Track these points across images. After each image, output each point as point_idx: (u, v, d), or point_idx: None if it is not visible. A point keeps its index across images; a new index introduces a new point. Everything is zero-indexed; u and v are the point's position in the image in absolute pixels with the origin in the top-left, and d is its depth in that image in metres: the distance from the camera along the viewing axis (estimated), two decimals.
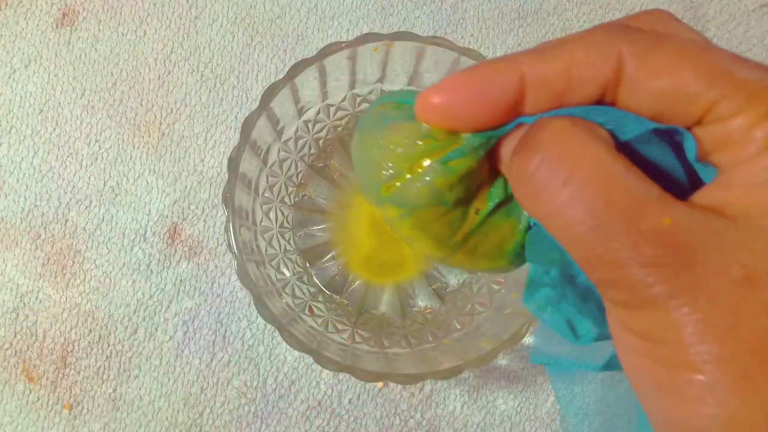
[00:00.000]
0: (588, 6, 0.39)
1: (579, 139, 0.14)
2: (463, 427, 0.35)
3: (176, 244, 0.36)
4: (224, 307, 0.35)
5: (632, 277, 0.13)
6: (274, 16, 0.37)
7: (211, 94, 0.37)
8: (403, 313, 0.35)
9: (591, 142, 0.14)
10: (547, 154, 0.14)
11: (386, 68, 0.32)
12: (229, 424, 0.35)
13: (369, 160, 0.18)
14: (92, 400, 0.35)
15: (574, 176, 0.14)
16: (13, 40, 0.36)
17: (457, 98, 0.16)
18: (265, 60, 0.37)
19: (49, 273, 0.35)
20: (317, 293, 0.34)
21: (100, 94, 0.36)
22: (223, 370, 0.35)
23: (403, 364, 0.31)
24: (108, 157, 0.36)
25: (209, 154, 0.36)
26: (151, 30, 0.37)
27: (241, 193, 0.30)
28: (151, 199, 0.36)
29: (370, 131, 0.18)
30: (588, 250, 0.14)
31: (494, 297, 0.34)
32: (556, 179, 0.14)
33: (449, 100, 0.16)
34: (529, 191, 0.15)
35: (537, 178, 0.15)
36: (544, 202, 0.14)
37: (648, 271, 0.13)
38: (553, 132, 0.15)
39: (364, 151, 0.18)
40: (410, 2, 0.38)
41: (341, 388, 0.35)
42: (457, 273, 0.35)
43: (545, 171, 0.14)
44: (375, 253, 0.36)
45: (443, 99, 0.16)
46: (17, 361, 0.35)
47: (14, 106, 0.36)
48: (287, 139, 0.33)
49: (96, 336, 0.35)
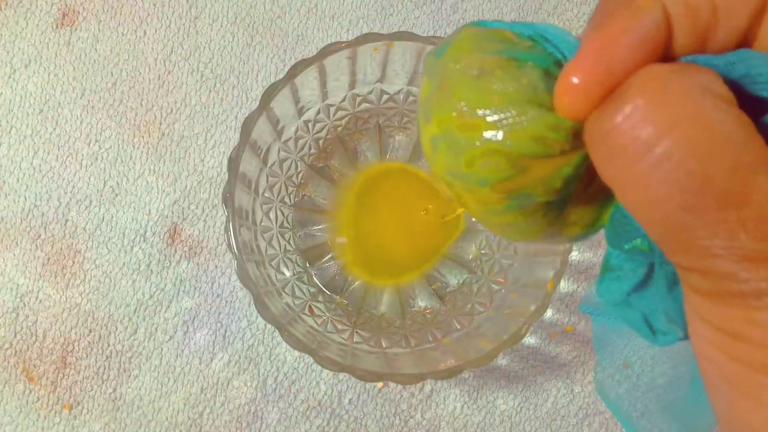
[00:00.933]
0: (588, 6, 0.39)
1: (680, 90, 0.11)
2: (463, 427, 0.35)
3: (176, 244, 0.36)
4: (224, 307, 0.35)
5: (723, 269, 0.11)
6: (274, 16, 0.37)
7: (211, 94, 0.37)
8: (403, 313, 0.35)
9: (696, 95, 0.11)
10: (633, 107, 0.12)
11: (386, 68, 0.32)
12: (229, 424, 0.35)
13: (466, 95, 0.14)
14: (92, 400, 0.35)
15: (665, 138, 0.11)
16: (13, 40, 0.36)
17: (601, 65, 0.12)
18: (265, 60, 0.37)
19: (49, 273, 0.35)
20: (317, 293, 0.34)
21: (100, 94, 0.36)
22: (223, 370, 0.35)
23: (403, 364, 0.31)
24: (108, 157, 0.36)
25: (209, 154, 0.36)
26: (151, 30, 0.37)
27: (241, 193, 0.30)
28: (151, 199, 0.36)
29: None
30: (671, 233, 0.12)
31: (494, 297, 0.34)
32: (641, 140, 0.11)
33: (596, 72, 0.12)
34: (606, 153, 0.12)
35: (616, 136, 0.12)
36: (623, 168, 0.12)
37: (744, 266, 0.11)
38: (646, 80, 0.12)
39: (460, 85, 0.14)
40: (410, 2, 0.38)
41: (341, 388, 0.35)
42: (457, 273, 0.35)
43: (628, 128, 0.12)
44: (375, 254, 0.36)
45: (587, 71, 0.12)
46: (17, 361, 0.35)
47: (14, 106, 0.36)
48: (287, 139, 0.33)
49: (96, 336, 0.35)
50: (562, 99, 0.13)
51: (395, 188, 0.36)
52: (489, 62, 0.14)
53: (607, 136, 0.12)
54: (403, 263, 0.36)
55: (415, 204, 0.36)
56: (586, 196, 0.16)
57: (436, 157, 0.15)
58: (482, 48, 0.15)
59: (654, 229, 0.12)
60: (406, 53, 0.30)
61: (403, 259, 0.36)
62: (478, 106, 0.14)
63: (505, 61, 0.14)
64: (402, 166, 0.36)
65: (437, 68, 0.15)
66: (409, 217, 0.36)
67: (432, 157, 0.15)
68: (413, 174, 0.36)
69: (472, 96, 0.14)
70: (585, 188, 0.15)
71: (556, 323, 0.36)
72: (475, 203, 0.15)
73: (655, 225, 0.12)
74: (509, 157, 0.14)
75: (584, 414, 0.36)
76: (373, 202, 0.36)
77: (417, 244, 0.36)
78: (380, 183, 0.36)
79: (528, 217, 0.15)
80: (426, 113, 0.15)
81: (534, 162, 0.14)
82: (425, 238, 0.36)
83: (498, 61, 0.14)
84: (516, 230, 0.16)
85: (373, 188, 0.36)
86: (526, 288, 0.31)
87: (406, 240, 0.36)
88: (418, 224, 0.36)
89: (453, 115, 0.14)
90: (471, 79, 0.14)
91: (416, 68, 0.32)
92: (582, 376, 0.36)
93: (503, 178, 0.14)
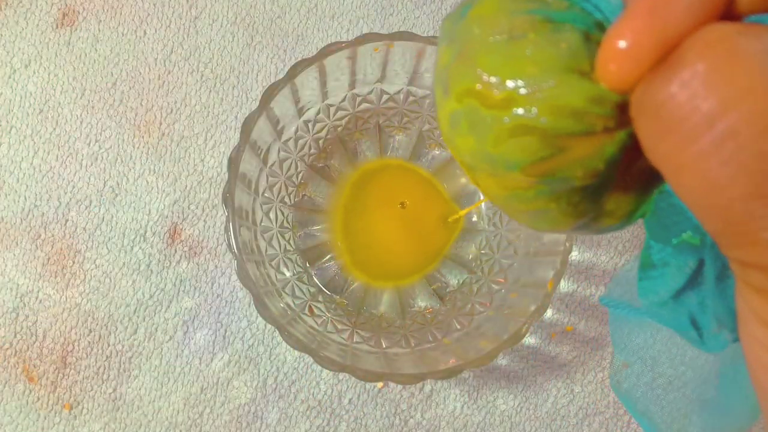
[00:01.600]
0: None
1: (750, 55, 0.09)
2: (463, 427, 0.35)
3: (176, 244, 0.36)
4: (224, 307, 0.35)
5: None
6: (274, 16, 0.37)
7: (211, 94, 0.37)
8: (403, 313, 0.35)
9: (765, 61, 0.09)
10: (693, 73, 0.10)
11: (386, 68, 0.32)
12: (229, 424, 0.35)
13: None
14: (92, 400, 0.35)
15: (732, 111, 0.09)
16: (13, 40, 0.36)
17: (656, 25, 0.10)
18: (265, 60, 0.37)
19: (49, 273, 0.35)
20: (317, 293, 0.34)
21: (100, 94, 0.36)
22: (223, 370, 0.35)
23: (403, 364, 0.31)
24: (108, 157, 0.36)
25: (209, 154, 0.36)
26: (151, 30, 0.37)
27: (241, 193, 0.30)
28: (151, 199, 0.36)
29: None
30: (733, 225, 0.10)
31: (494, 297, 0.34)
32: (702, 112, 0.10)
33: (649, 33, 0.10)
34: (657, 128, 0.10)
35: (671, 108, 0.10)
36: (678, 147, 0.10)
37: None
38: (708, 41, 0.10)
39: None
40: (410, 2, 0.38)
41: (341, 388, 0.35)
42: (457, 273, 0.35)
43: (686, 98, 0.10)
44: (374, 255, 0.36)
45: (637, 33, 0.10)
46: (17, 361, 0.35)
47: (14, 106, 0.36)
48: (287, 139, 0.34)
49: (96, 336, 0.35)
50: (608, 67, 0.11)
51: (394, 188, 0.36)
52: (520, 24, 0.12)
53: (659, 107, 0.10)
54: (404, 267, 0.36)
55: (414, 206, 0.36)
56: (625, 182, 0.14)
57: (455, 137, 0.13)
58: (511, 8, 0.13)
59: (712, 220, 0.10)
60: (406, 53, 0.30)
61: (404, 264, 0.36)
62: (507, 76, 0.12)
63: (539, 23, 0.12)
64: (401, 162, 0.36)
65: (458, 32, 0.13)
66: (408, 220, 0.36)
67: (450, 137, 0.14)
68: (412, 171, 0.36)
69: (500, 64, 0.12)
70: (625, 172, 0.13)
71: (556, 323, 0.36)
72: (501, 189, 0.13)
73: (713, 214, 0.10)
74: (544, 136, 0.12)
75: (584, 414, 0.36)
76: (371, 204, 0.36)
77: (417, 248, 0.36)
78: (378, 183, 0.36)
79: (561, 203, 0.13)
80: (444, 85, 0.13)
81: (572, 140, 0.12)
82: (425, 242, 0.36)
83: (531, 23, 0.12)
84: (546, 219, 0.14)
85: (372, 188, 0.36)
86: (526, 288, 0.31)
87: (406, 244, 0.36)
88: (418, 227, 0.36)
89: (477, 87, 0.12)
90: (499, 45, 0.12)
91: (416, 68, 0.32)
92: (582, 376, 0.36)
93: (537, 159, 0.12)
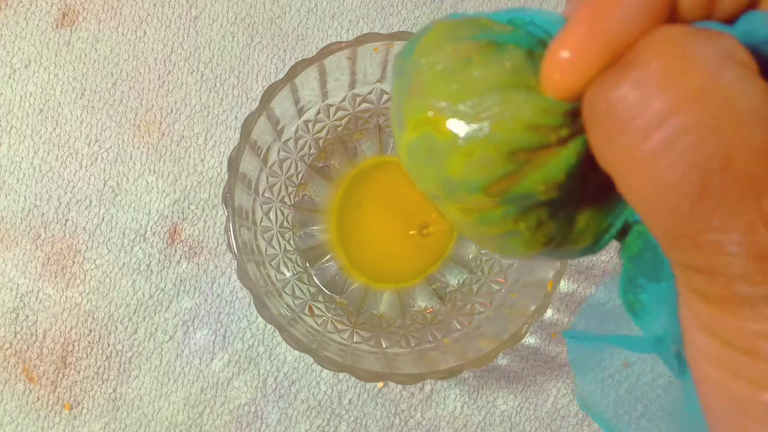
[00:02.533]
0: None
1: (701, 56, 0.10)
2: (463, 427, 0.35)
3: (176, 244, 0.36)
4: (224, 307, 0.35)
5: (735, 269, 0.10)
6: (274, 16, 0.37)
7: (211, 94, 0.37)
8: (403, 313, 0.35)
9: (719, 63, 0.10)
10: (647, 72, 0.10)
11: (386, 68, 0.32)
12: (229, 424, 0.35)
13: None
14: (92, 400, 0.35)
15: (684, 110, 0.09)
16: (13, 40, 0.36)
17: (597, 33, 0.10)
18: (265, 60, 0.37)
19: (49, 273, 0.35)
20: (317, 293, 0.34)
21: (100, 94, 0.36)
22: (223, 370, 0.35)
23: (403, 364, 0.31)
24: (108, 157, 0.36)
25: (209, 154, 0.36)
26: (151, 30, 0.37)
27: (241, 193, 0.30)
28: (151, 199, 0.36)
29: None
30: (678, 226, 0.10)
31: (494, 297, 0.34)
32: (653, 111, 0.10)
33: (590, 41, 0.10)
34: (608, 129, 0.10)
35: (621, 109, 0.10)
36: (627, 148, 0.10)
37: (760, 267, 0.10)
38: (662, 43, 0.10)
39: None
40: (410, 2, 0.38)
41: (341, 388, 0.35)
42: (457, 273, 0.35)
43: (639, 97, 0.10)
44: (374, 255, 0.36)
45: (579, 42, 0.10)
46: (17, 361, 0.35)
47: (14, 106, 0.36)
48: (287, 139, 0.34)
49: (96, 336, 0.35)
50: (553, 77, 0.11)
51: (393, 188, 0.36)
52: (465, 49, 0.13)
53: (611, 108, 0.10)
54: (404, 270, 0.36)
55: (414, 208, 0.36)
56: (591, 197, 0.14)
57: (415, 168, 0.13)
58: (456, 36, 0.13)
59: (658, 221, 0.10)
60: None
61: (404, 266, 0.36)
62: (456, 100, 0.12)
63: (484, 46, 0.13)
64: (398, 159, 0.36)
65: (407, 67, 0.13)
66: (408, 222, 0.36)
67: (411, 169, 0.14)
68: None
69: (448, 89, 0.12)
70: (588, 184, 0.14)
71: (556, 323, 0.36)
72: (467, 214, 0.14)
73: (660, 216, 0.10)
74: (499, 153, 0.12)
75: (584, 414, 0.36)
76: (371, 204, 0.36)
77: (418, 250, 0.36)
78: (378, 182, 0.36)
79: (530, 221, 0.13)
80: (399, 119, 0.13)
81: (529, 155, 0.12)
82: (426, 244, 0.36)
83: (476, 47, 0.13)
84: (517, 242, 0.14)
85: (372, 187, 0.36)
86: (526, 288, 0.31)
87: (406, 246, 0.36)
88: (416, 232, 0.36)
89: (429, 114, 0.12)
90: (446, 71, 0.13)
91: None
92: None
93: (496, 178, 0.12)
